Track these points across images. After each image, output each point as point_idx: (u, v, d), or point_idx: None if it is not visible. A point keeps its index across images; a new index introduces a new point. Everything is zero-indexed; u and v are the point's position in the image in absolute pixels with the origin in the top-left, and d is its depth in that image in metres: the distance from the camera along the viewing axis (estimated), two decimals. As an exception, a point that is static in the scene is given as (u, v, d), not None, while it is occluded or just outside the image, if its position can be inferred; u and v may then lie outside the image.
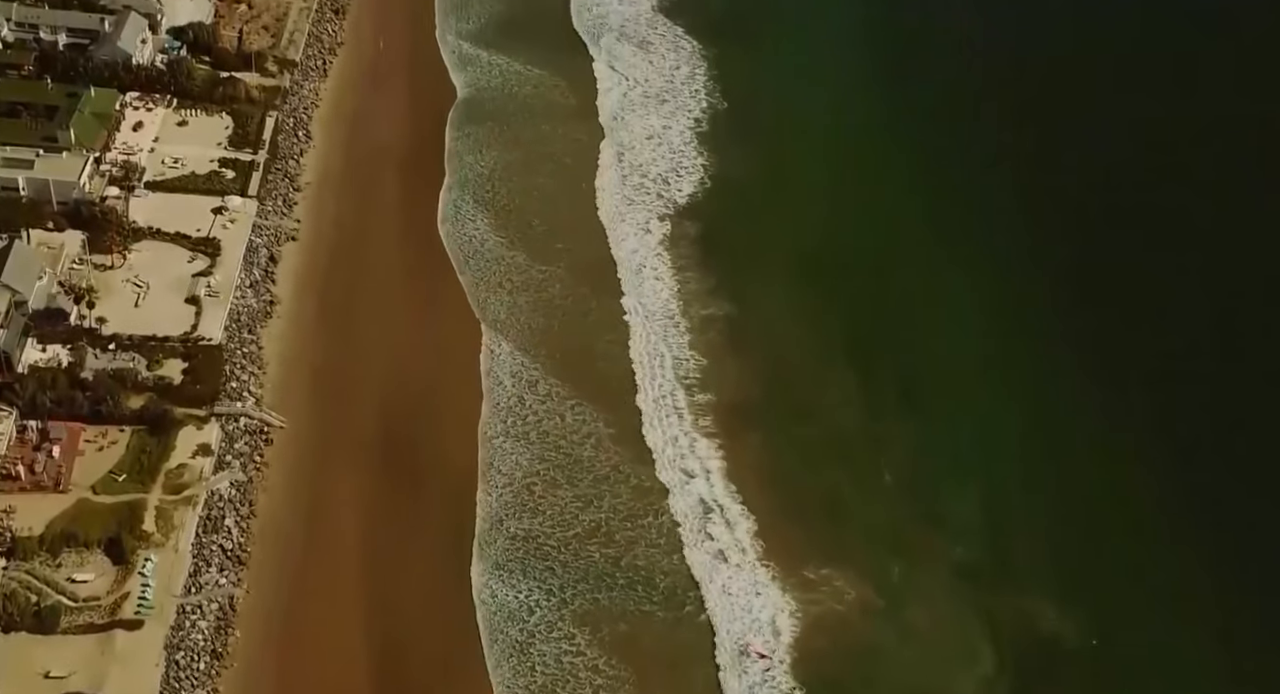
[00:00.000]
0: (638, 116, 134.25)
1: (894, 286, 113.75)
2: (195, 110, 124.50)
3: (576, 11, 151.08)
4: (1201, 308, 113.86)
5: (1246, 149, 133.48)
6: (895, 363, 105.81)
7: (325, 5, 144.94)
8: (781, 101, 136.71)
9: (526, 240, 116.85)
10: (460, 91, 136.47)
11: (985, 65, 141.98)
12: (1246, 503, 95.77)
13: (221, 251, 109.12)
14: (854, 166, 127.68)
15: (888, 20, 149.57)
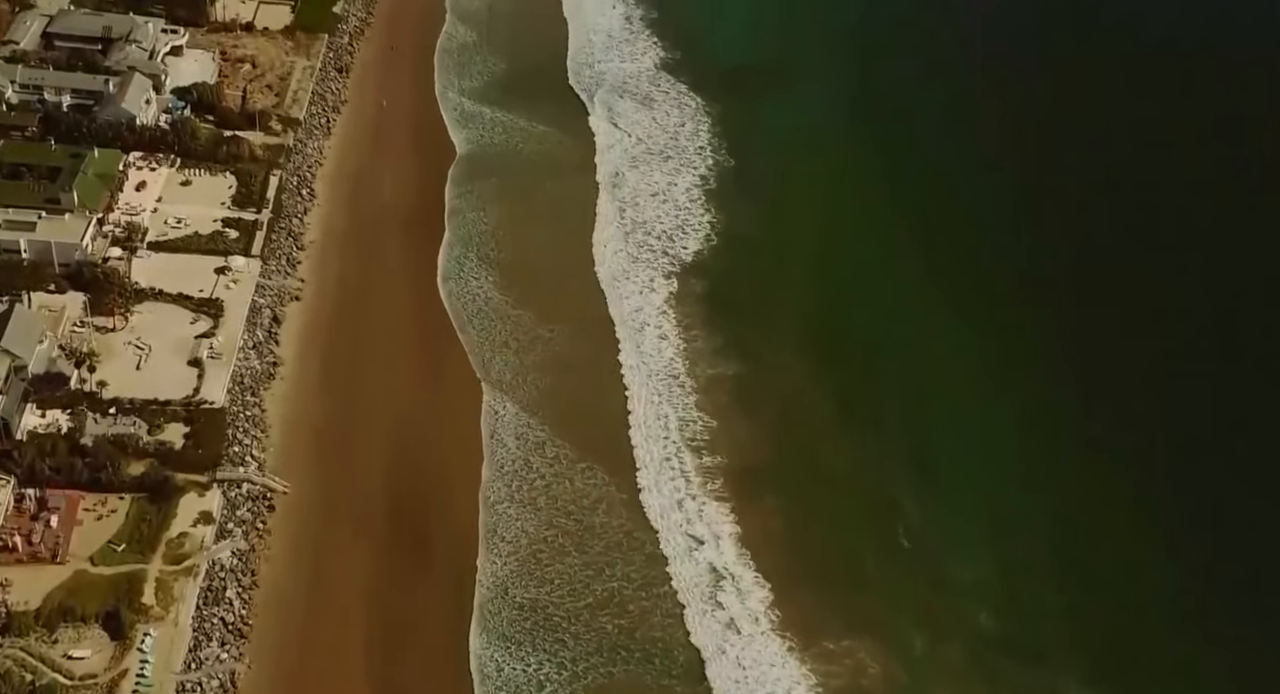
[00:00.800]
0: (641, 173, 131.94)
1: (904, 343, 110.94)
2: (199, 170, 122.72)
3: (576, 69, 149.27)
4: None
5: (1246, 148, 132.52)
6: (907, 422, 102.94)
7: (329, 64, 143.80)
8: (786, 157, 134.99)
9: (528, 299, 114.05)
10: (462, 148, 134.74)
11: (988, 116, 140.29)
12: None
13: (224, 313, 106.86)
14: (860, 222, 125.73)
15: (890, 76, 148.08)
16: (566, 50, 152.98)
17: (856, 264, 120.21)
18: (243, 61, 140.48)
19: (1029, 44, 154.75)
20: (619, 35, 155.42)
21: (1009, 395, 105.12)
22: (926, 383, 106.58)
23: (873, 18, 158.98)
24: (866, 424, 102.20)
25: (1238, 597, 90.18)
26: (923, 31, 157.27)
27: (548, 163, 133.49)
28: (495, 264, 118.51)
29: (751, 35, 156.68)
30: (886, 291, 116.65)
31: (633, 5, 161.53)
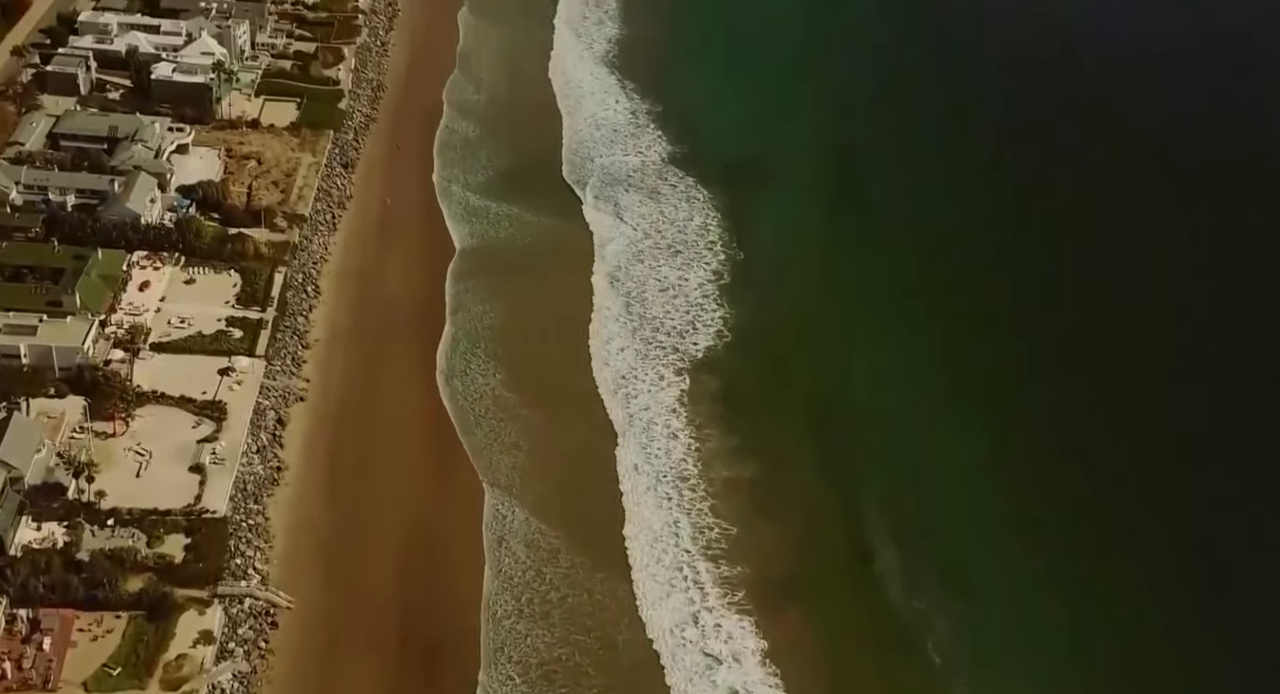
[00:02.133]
0: (648, 267, 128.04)
1: (928, 443, 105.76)
2: (203, 268, 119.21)
3: (578, 162, 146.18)
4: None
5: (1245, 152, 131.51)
6: (934, 526, 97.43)
7: (334, 160, 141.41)
8: (798, 250, 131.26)
9: (533, 398, 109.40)
10: (464, 243, 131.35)
11: (991, 205, 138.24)
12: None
13: (227, 415, 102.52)
14: (877, 314, 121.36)
15: (893, 166, 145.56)
16: (569, 144, 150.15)
17: (877, 360, 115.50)
18: (248, 158, 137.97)
19: (1027, 135, 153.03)
20: (624, 129, 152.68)
21: (1036, 495, 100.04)
22: (951, 483, 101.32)
23: (876, 110, 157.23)
24: (893, 530, 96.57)
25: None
26: (923, 119, 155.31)
27: (551, 257, 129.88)
28: (500, 361, 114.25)
29: (757, 128, 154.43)
30: (908, 388, 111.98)
31: (637, 99, 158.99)
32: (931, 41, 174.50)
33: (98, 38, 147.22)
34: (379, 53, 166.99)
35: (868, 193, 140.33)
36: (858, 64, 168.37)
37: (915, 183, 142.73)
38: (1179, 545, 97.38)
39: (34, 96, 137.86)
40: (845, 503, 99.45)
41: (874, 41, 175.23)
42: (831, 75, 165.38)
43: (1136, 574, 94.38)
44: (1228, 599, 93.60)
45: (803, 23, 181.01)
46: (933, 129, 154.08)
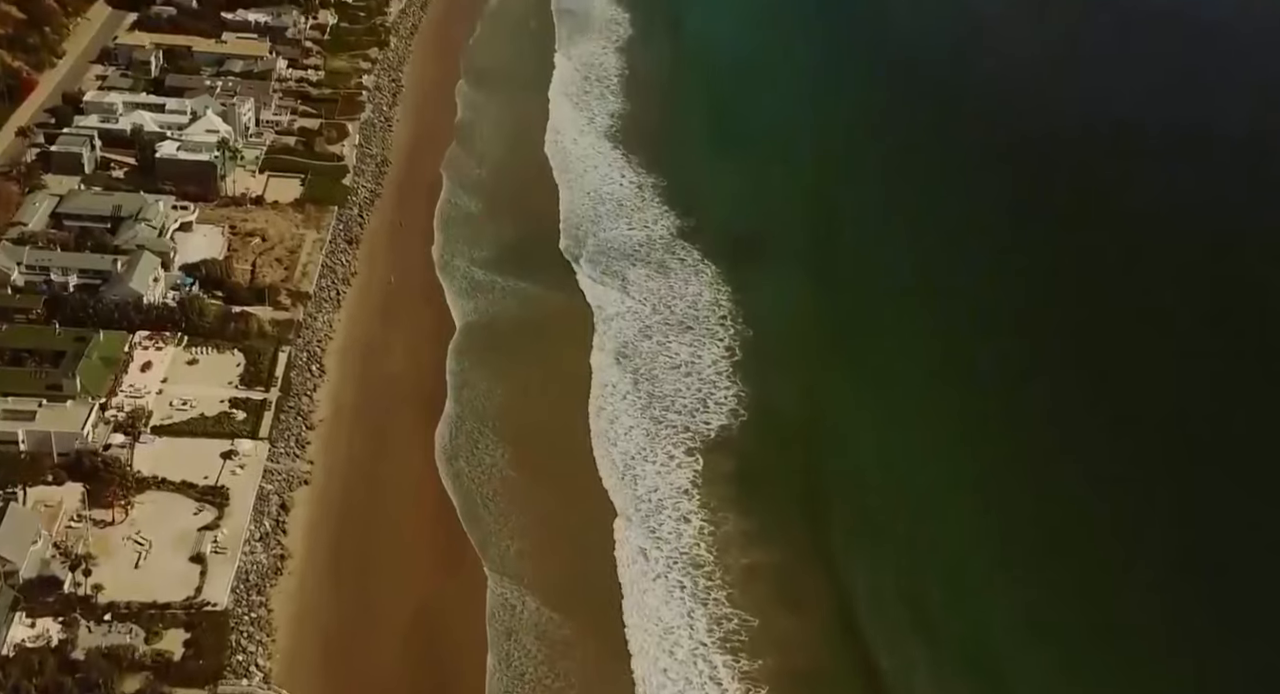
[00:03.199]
0: (657, 344, 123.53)
1: (952, 528, 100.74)
2: (206, 348, 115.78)
3: (580, 237, 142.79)
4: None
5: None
6: (961, 618, 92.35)
7: (338, 236, 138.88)
8: (811, 326, 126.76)
9: (537, 479, 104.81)
10: (466, 319, 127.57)
11: (1009, 279, 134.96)
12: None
13: (230, 501, 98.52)
14: (894, 393, 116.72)
15: (908, 237, 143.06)
16: (571, 218, 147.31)
17: (895, 438, 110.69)
18: (252, 235, 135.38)
19: (1034, 211, 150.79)
20: (630, 203, 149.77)
21: (1066, 583, 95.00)
22: (977, 569, 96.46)
23: (882, 184, 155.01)
24: (919, 621, 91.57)
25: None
26: (929, 193, 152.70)
27: (554, 333, 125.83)
28: (504, 442, 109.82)
29: (762, 201, 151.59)
30: (927, 468, 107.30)
31: (642, 173, 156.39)
32: (936, 116, 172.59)
33: (103, 117, 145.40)
34: (383, 128, 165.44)
35: (875, 267, 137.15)
36: (864, 138, 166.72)
37: (922, 256, 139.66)
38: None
39: (38, 176, 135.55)
40: (870, 591, 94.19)
41: (880, 115, 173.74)
42: (837, 151, 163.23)
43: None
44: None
45: (808, 98, 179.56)
46: (938, 203, 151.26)
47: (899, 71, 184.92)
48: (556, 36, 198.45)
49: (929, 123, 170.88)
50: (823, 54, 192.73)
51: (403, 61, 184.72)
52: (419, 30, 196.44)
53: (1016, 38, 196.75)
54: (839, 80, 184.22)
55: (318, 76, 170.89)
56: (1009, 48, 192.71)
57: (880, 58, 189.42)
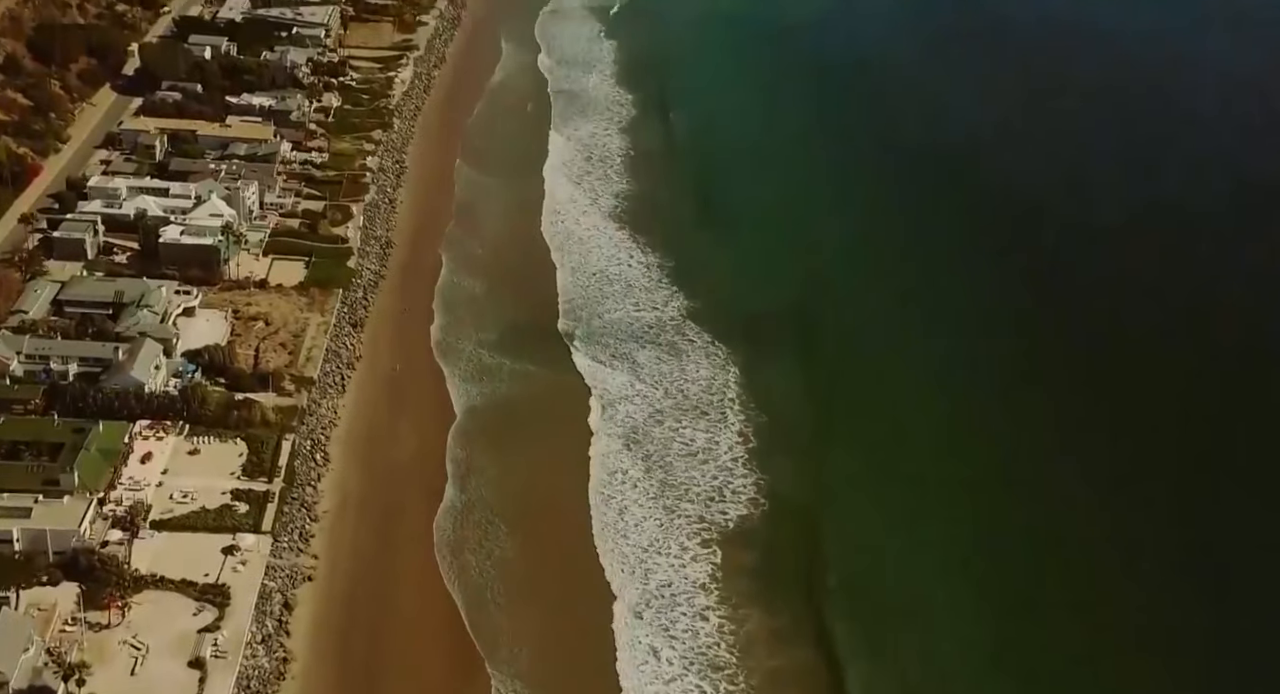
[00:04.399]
0: (669, 429, 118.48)
1: (987, 631, 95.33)
2: (208, 437, 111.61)
3: (585, 319, 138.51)
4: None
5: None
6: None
7: (343, 319, 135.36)
8: (828, 411, 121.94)
9: (542, 574, 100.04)
10: (469, 404, 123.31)
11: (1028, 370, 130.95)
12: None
13: (231, 600, 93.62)
14: (916, 482, 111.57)
15: (922, 319, 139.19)
16: (576, 299, 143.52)
17: (921, 531, 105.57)
18: (256, 319, 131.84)
19: (1052, 294, 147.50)
20: (638, 283, 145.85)
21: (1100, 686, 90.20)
22: (1009, 674, 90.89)
23: (893, 265, 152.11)
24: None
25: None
26: (940, 277, 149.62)
27: (560, 418, 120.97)
28: (509, 532, 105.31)
29: (774, 282, 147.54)
30: (952, 559, 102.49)
31: (649, 253, 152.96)
32: (942, 199, 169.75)
33: (107, 202, 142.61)
34: (387, 209, 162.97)
35: (886, 348, 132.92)
36: (871, 220, 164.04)
37: (932, 336, 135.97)
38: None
39: (39, 262, 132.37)
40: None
41: (887, 196, 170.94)
42: (845, 232, 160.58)
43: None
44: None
45: (815, 179, 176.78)
46: (946, 284, 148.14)
47: (906, 153, 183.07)
48: (558, 116, 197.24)
49: (935, 205, 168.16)
50: (830, 135, 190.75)
51: (406, 142, 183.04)
52: (422, 111, 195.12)
53: (1024, 132, 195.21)
54: (847, 162, 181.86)
55: (322, 159, 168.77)
56: (1017, 139, 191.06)
57: (886, 140, 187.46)
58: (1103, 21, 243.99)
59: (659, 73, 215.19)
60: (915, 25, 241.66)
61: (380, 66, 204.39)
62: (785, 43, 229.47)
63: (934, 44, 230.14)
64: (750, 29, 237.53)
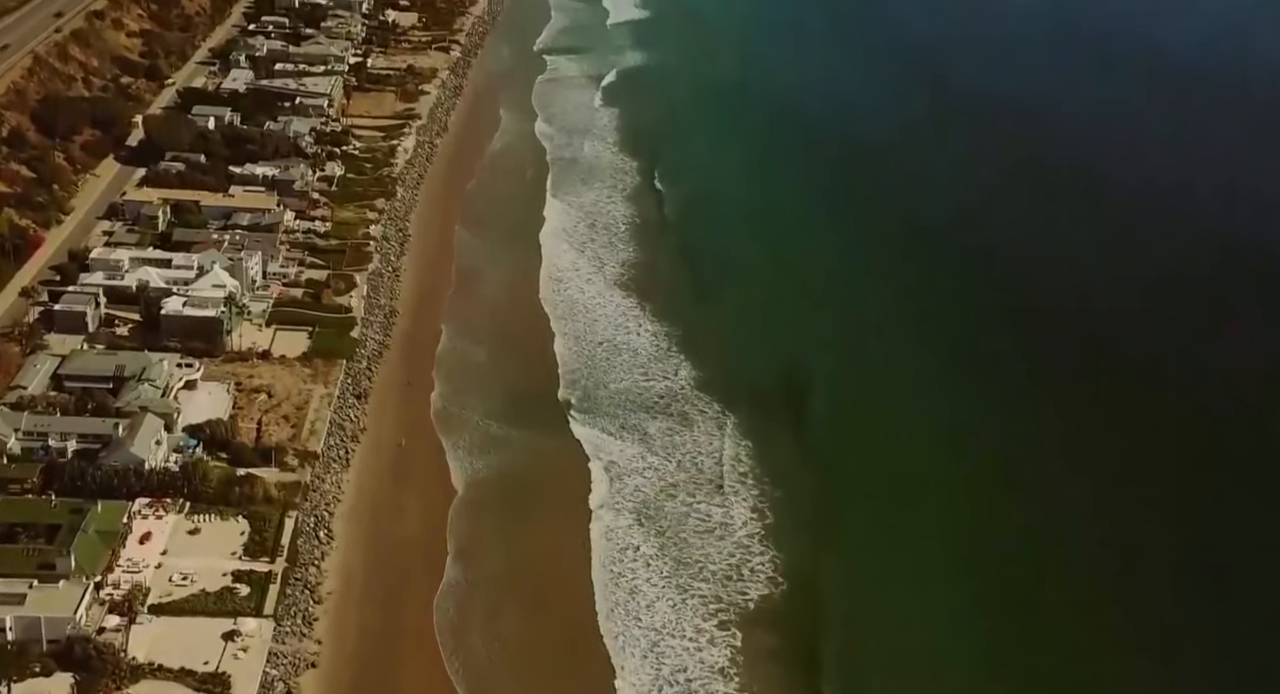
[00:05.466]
0: (682, 504, 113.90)
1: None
2: (209, 515, 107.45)
3: (590, 388, 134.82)
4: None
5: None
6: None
7: (347, 391, 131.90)
8: (844, 485, 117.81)
9: (549, 663, 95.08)
10: (473, 478, 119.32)
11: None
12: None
13: (231, 690, 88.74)
14: (938, 553, 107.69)
15: (935, 388, 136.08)
16: (582, 369, 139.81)
17: (947, 606, 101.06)
18: (259, 391, 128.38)
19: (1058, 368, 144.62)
20: (646, 353, 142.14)
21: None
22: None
23: (904, 334, 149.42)
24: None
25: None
26: (950, 348, 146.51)
27: (566, 494, 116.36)
28: (515, 613, 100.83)
29: (785, 350, 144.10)
30: (983, 640, 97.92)
31: (656, 321, 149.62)
32: (956, 270, 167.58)
33: (108, 274, 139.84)
34: (390, 278, 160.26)
35: (900, 419, 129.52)
36: (885, 289, 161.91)
37: (948, 406, 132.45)
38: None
39: (39, 336, 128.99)
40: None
41: (900, 265, 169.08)
42: (859, 301, 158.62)
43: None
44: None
45: (826, 248, 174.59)
46: (951, 347, 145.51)
47: (900, 221, 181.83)
48: (558, 184, 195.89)
49: (931, 270, 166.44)
50: (828, 203, 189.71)
51: (410, 211, 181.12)
52: (425, 179, 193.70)
53: (1012, 199, 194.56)
54: (847, 229, 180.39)
55: (325, 228, 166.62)
56: (1006, 204, 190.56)
57: (881, 207, 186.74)
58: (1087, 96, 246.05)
59: (653, 140, 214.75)
60: (904, 94, 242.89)
61: (383, 135, 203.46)
62: (778, 111, 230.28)
63: (925, 112, 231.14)
64: (742, 98, 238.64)
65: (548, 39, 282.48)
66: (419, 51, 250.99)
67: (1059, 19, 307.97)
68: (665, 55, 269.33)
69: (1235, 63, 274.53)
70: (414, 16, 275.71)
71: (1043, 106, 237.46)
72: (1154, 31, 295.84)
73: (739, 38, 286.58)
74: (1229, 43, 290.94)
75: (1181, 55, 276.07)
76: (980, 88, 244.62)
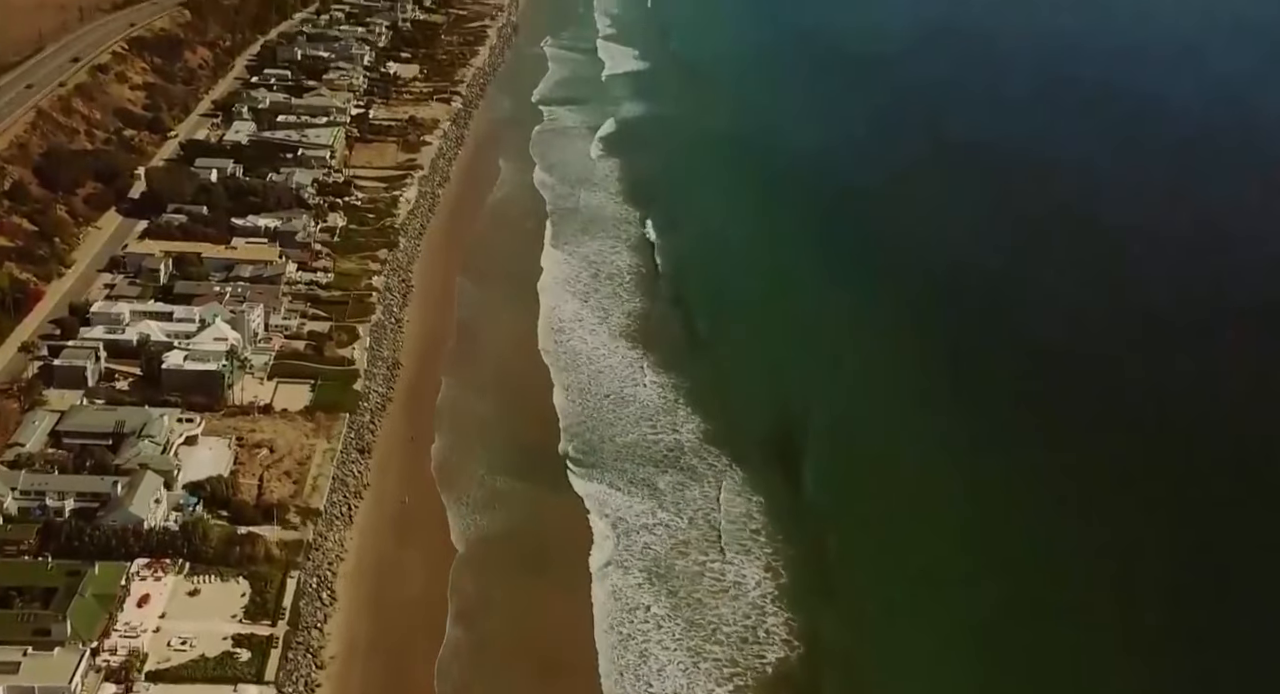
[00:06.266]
0: (693, 563, 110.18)
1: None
2: (209, 575, 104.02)
3: (595, 442, 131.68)
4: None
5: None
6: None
7: (350, 445, 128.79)
8: (860, 542, 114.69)
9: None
10: (477, 533, 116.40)
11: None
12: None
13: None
14: (955, 609, 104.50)
15: (945, 439, 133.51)
16: (587, 421, 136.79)
17: (968, 673, 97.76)
18: (260, 446, 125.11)
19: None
20: (653, 404, 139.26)
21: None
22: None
23: (913, 386, 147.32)
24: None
25: None
26: (959, 388, 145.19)
27: (570, 551, 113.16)
28: (519, 677, 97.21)
29: (792, 400, 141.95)
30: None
31: (661, 373, 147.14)
32: (946, 313, 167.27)
33: (109, 328, 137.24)
34: (393, 329, 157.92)
35: (910, 473, 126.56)
36: (884, 337, 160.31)
37: (953, 461, 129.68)
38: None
39: (38, 392, 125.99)
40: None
41: (908, 319, 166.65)
42: (862, 348, 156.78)
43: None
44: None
45: (832, 297, 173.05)
46: (959, 398, 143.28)
47: (906, 274, 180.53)
48: (558, 233, 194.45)
49: (935, 324, 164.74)
50: (842, 248, 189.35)
51: (412, 261, 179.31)
52: (428, 230, 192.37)
53: (1012, 254, 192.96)
54: (861, 276, 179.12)
55: (327, 279, 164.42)
56: (1004, 259, 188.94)
57: (887, 260, 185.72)
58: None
59: (651, 189, 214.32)
60: (898, 142, 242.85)
61: (385, 186, 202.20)
62: (771, 160, 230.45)
63: (919, 161, 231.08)
64: (734, 147, 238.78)
65: (545, 90, 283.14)
66: (420, 102, 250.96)
67: (1054, 75, 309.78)
68: (660, 106, 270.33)
69: (1227, 121, 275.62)
70: (415, 68, 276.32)
71: (1035, 154, 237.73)
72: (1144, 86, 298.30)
73: (730, 90, 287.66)
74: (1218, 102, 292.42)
75: (1178, 110, 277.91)
76: (973, 137, 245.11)
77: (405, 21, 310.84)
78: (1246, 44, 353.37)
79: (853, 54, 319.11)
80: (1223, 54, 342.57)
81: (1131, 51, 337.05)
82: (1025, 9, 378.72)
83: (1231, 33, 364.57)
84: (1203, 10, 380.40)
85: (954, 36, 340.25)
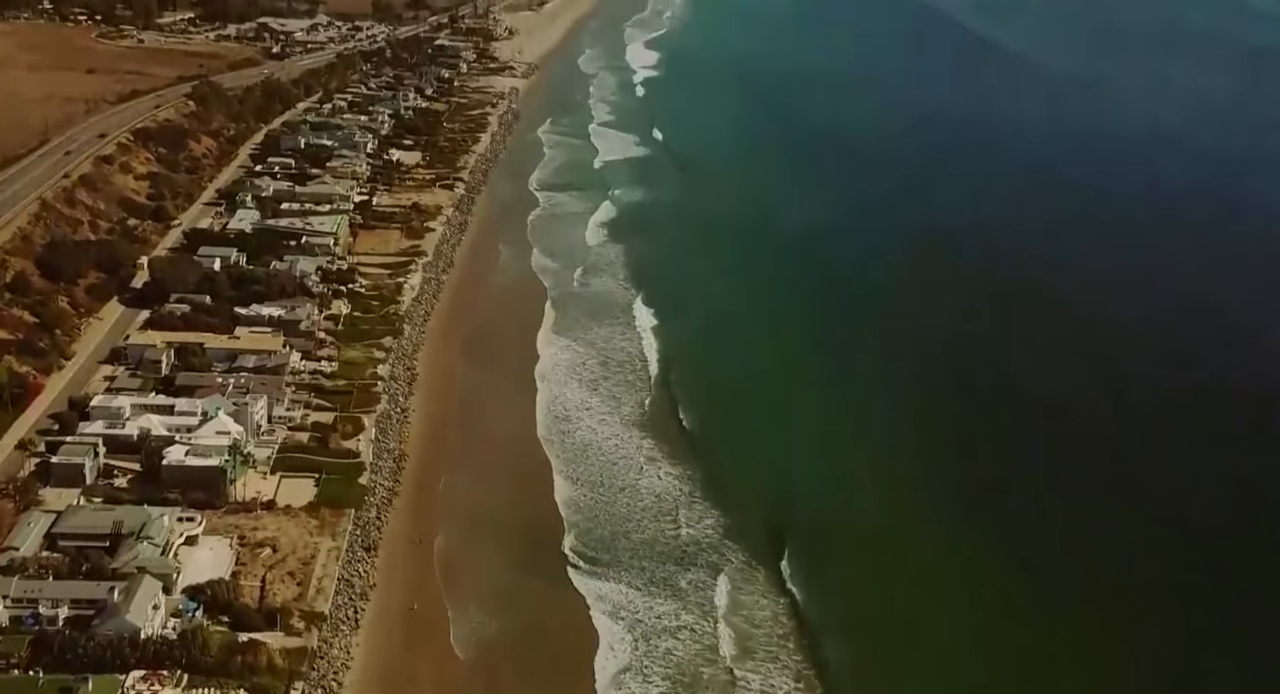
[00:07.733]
0: (720, 670, 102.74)
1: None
2: (208, 688, 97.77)
3: (607, 538, 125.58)
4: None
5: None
6: None
7: (355, 543, 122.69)
8: (895, 645, 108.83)
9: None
10: (484, 638, 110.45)
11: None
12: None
13: None
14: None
15: (972, 529, 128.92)
16: (601, 516, 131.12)
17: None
18: (263, 546, 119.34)
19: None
20: (673, 499, 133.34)
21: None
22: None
23: (932, 466, 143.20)
24: None
25: None
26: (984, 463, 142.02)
27: (582, 657, 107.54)
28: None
29: (809, 492, 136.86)
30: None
31: (674, 462, 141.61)
32: (957, 391, 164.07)
33: (108, 423, 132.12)
34: (399, 419, 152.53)
35: (937, 566, 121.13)
36: (906, 420, 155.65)
37: (980, 548, 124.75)
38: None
39: (34, 491, 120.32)
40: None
41: (912, 395, 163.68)
42: (883, 435, 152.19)
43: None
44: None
45: (850, 384, 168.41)
46: (993, 480, 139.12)
47: (927, 350, 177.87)
48: (564, 318, 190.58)
49: (957, 400, 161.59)
50: (853, 333, 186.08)
51: (417, 349, 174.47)
52: (433, 316, 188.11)
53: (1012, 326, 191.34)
54: (874, 366, 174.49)
55: (332, 368, 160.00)
56: (1010, 335, 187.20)
57: (906, 338, 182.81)
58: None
59: (648, 273, 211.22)
60: (894, 230, 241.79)
61: (389, 273, 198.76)
62: (766, 243, 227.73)
63: (918, 248, 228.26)
64: (726, 231, 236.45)
65: (542, 176, 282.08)
66: (424, 189, 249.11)
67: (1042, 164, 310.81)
68: (653, 192, 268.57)
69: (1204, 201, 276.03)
70: (418, 155, 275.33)
71: (1026, 241, 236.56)
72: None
73: (722, 175, 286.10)
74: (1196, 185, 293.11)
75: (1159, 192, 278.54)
76: (965, 222, 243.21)
77: (408, 109, 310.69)
78: (1237, 131, 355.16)
79: (845, 138, 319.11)
80: (1213, 141, 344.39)
81: (1122, 139, 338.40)
82: (1017, 97, 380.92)
83: (1221, 121, 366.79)
84: (1198, 102, 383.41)
85: (945, 123, 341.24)
